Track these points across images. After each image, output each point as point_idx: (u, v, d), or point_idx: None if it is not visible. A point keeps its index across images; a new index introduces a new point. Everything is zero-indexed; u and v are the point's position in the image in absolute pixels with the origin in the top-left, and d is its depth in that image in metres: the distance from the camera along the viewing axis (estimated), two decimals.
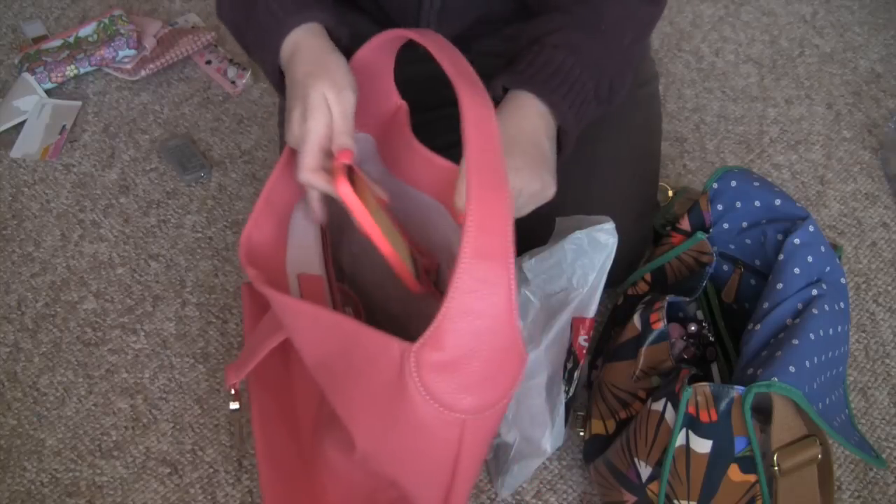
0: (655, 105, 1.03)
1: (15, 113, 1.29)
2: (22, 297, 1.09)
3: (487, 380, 0.60)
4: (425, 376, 0.58)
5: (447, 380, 0.58)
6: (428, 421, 0.60)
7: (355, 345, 0.62)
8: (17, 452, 0.96)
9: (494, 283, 0.56)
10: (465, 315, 0.56)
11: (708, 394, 0.72)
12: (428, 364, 0.57)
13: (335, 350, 0.65)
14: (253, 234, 0.77)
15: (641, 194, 0.98)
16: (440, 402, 0.59)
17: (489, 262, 0.56)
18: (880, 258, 1.14)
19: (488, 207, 0.56)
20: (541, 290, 0.82)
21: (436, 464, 0.64)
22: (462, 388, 0.59)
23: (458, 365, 0.57)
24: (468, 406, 0.59)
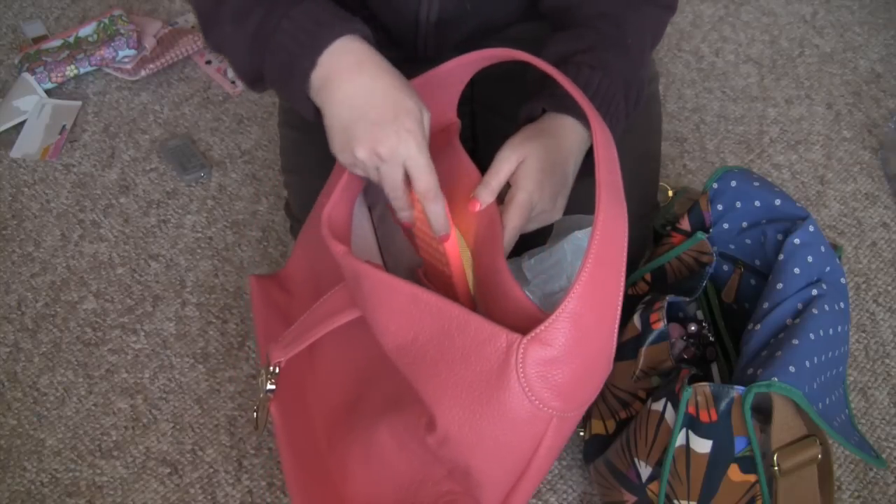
0: (655, 106, 1.03)
1: (15, 113, 1.29)
2: (22, 297, 1.09)
3: (581, 381, 0.63)
4: (529, 369, 0.60)
5: (547, 375, 0.61)
6: (521, 412, 0.62)
7: (459, 330, 0.63)
8: (17, 452, 0.96)
9: (609, 291, 0.61)
10: (580, 317, 0.59)
11: (708, 394, 0.72)
12: (534, 357, 0.60)
13: (431, 333, 0.66)
14: (332, 213, 0.77)
15: (641, 195, 0.98)
16: (537, 396, 0.61)
17: (607, 271, 0.60)
18: (880, 258, 1.14)
19: (612, 220, 0.61)
20: (540, 290, 0.83)
21: (515, 455, 0.66)
22: (558, 385, 0.61)
23: (559, 363, 0.60)
24: (559, 404, 0.62)
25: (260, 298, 0.94)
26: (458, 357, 0.64)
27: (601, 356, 0.64)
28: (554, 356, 0.60)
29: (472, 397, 0.64)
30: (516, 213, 0.74)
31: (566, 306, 0.59)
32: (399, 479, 0.77)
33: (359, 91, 0.69)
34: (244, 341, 1.04)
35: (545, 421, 0.63)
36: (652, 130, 1.01)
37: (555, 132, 0.77)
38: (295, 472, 0.83)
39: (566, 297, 0.59)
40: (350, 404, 0.83)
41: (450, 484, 0.73)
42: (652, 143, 1.01)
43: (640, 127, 0.99)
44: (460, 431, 0.66)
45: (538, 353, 0.60)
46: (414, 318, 0.67)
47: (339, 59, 0.69)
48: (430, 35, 0.91)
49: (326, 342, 0.84)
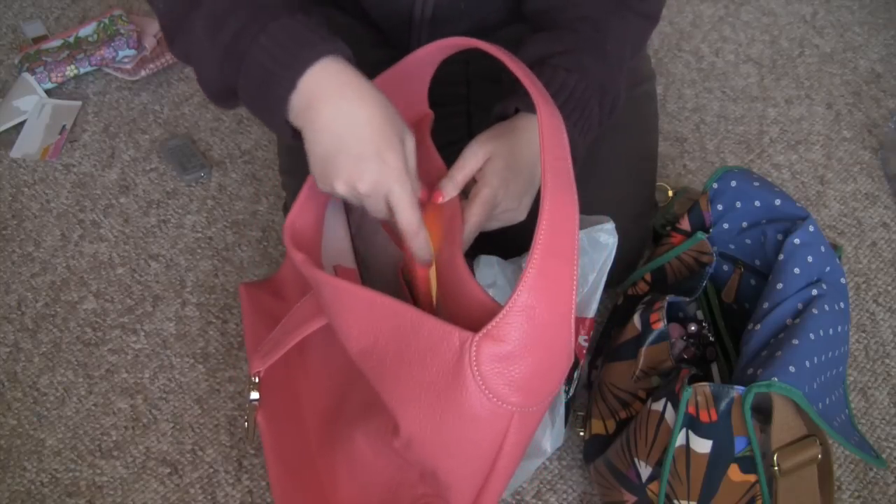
0: (652, 104, 1.03)
1: (15, 113, 1.29)
2: (22, 297, 1.09)
3: (540, 375, 0.62)
4: (484, 366, 0.59)
5: (503, 371, 0.60)
6: (480, 410, 0.62)
7: (414, 332, 0.63)
8: (17, 452, 0.96)
9: (560, 282, 0.59)
10: (531, 310, 0.58)
11: (708, 394, 0.72)
12: (487, 354, 0.59)
13: (389, 337, 0.65)
14: (297, 221, 0.77)
15: (639, 194, 0.98)
16: (494, 393, 0.60)
17: (558, 261, 0.59)
18: (880, 258, 1.14)
19: (560, 208, 0.59)
20: None
21: (479, 454, 0.65)
22: (516, 380, 0.60)
23: (515, 358, 0.59)
24: (519, 399, 0.61)
25: (249, 306, 0.94)
26: (415, 359, 0.64)
27: (559, 348, 0.62)
28: (508, 352, 0.59)
29: (432, 399, 0.63)
30: (479, 208, 0.73)
31: (516, 300, 0.58)
32: (380, 484, 0.76)
33: (340, 119, 0.65)
34: (244, 341, 1.04)
35: (506, 417, 0.62)
36: (648, 129, 1.01)
37: (524, 132, 0.77)
38: (280, 478, 0.83)
39: (515, 291, 0.58)
40: (334, 408, 0.84)
41: (423, 487, 0.73)
42: (649, 142, 1.01)
43: (637, 126, 0.99)
44: (423, 434, 0.66)
45: (491, 350, 0.59)
46: (372, 322, 0.66)
47: (320, 83, 0.65)
48: (423, 34, 0.91)
49: (315, 345, 0.85)
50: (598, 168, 0.94)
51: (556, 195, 0.59)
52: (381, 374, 0.68)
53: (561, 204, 0.59)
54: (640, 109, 1.00)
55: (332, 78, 0.66)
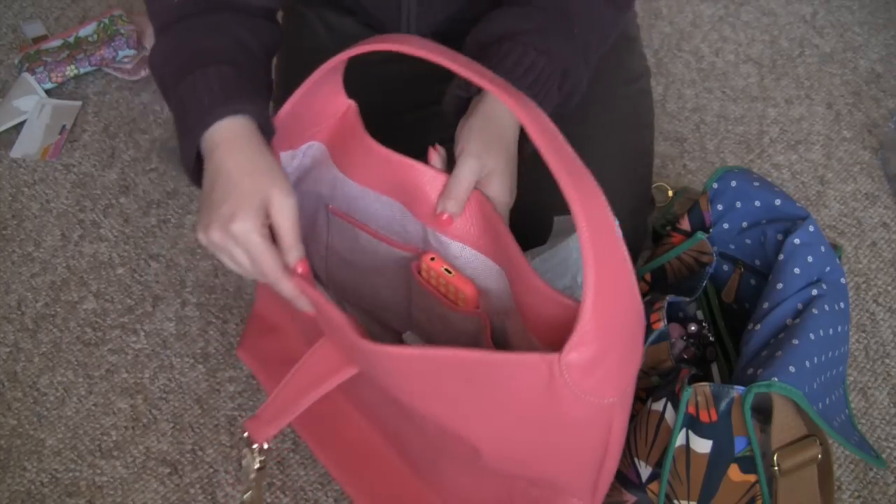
0: (646, 101, 1.02)
1: (15, 113, 1.29)
2: (22, 297, 1.09)
3: (626, 361, 0.62)
4: (575, 378, 0.59)
5: (594, 374, 0.60)
6: (581, 417, 0.62)
7: (487, 371, 0.61)
8: (17, 452, 0.96)
9: (617, 274, 0.59)
10: (600, 313, 0.58)
11: (708, 394, 0.72)
12: (575, 367, 0.59)
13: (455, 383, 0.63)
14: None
15: (634, 191, 0.98)
16: (591, 396, 0.61)
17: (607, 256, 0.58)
18: (880, 258, 1.14)
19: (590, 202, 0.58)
20: None
21: (591, 451, 0.66)
22: (607, 378, 0.61)
23: (601, 358, 0.59)
24: (615, 390, 0.62)
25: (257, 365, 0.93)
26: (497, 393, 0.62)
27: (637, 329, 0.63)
28: (594, 356, 0.59)
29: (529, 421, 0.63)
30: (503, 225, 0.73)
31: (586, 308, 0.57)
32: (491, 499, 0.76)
33: (210, 171, 0.68)
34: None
35: (608, 411, 0.63)
36: (643, 125, 1.01)
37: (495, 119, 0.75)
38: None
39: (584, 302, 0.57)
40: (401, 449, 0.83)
41: (537, 490, 0.73)
42: (644, 137, 1.01)
43: (632, 122, 0.99)
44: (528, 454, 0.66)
45: (579, 360, 0.59)
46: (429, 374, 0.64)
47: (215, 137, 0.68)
48: (412, 17, 0.91)
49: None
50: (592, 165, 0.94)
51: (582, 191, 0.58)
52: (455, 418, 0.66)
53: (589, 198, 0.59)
54: (635, 105, 1.00)
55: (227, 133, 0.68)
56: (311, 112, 0.76)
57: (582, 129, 0.94)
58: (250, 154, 0.68)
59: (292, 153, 0.79)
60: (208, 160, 0.68)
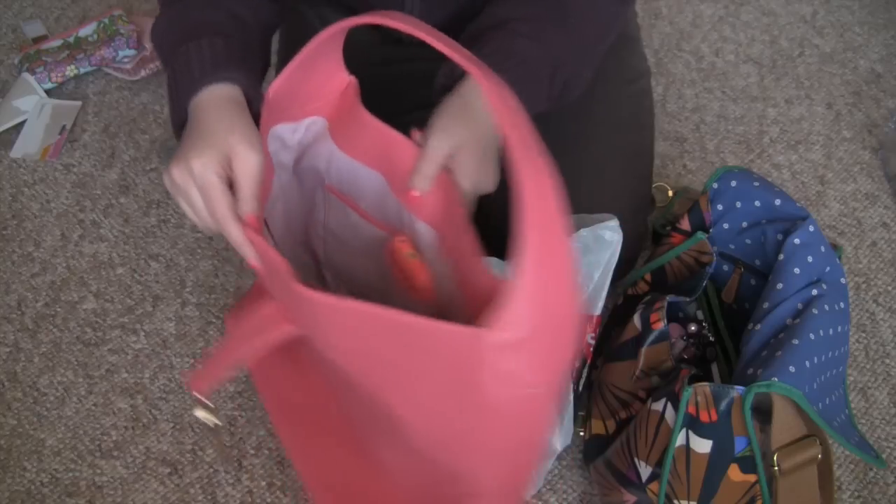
0: (647, 101, 1.02)
1: (15, 113, 1.29)
2: (22, 297, 1.09)
3: (555, 352, 0.61)
4: (499, 357, 0.58)
5: (519, 358, 0.59)
6: (502, 400, 0.60)
7: (418, 338, 0.61)
8: (17, 452, 0.96)
9: (554, 256, 0.57)
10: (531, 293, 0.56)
11: (708, 394, 0.72)
12: (501, 345, 0.58)
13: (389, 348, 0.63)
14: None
15: (634, 191, 0.98)
16: (515, 380, 0.59)
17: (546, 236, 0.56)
18: (880, 258, 1.14)
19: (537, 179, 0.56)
20: None
21: (507, 441, 0.65)
22: (533, 363, 0.59)
23: (528, 342, 0.58)
24: (540, 379, 0.60)
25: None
26: (427, 363, 0.62)
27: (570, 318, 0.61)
28: (521, 337, 0.57)
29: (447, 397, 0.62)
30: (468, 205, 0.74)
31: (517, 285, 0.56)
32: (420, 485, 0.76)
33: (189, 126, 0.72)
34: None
35: (531, 400, 0.61)
36: (644, 125, 1.01)
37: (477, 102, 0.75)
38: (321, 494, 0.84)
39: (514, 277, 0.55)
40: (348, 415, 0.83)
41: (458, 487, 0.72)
42: (644, 137, 1.01)
43: (632, 121, 0.99)
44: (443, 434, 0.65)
45: (504, 339, 0.57)
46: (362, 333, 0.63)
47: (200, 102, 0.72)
48: (415, 10, 0.91)
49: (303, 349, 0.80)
50: (592, 165, 0.94)
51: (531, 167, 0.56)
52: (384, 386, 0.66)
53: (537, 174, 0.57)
54: (636, 105, 1.00)
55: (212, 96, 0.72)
56: (310, 86, 0.76)
57: (583, 129, 0.94)
58: (228, 113, 0.70)
59: (293, 126, 0.79)
60: (189, 121, 0.72)
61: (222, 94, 0.72)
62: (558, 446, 0.85)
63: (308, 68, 0.75)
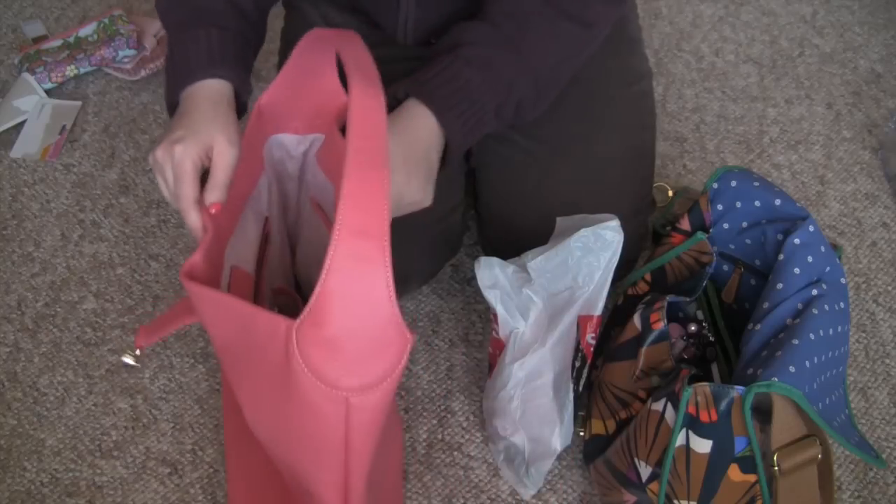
0: (648, 102, 1.02)
1: (15, 113, 1.29)
2: (22, 297, 1.09)
3: (369, 359, 0.60)
4: (307, 352, 0.59)
5: (329, 357, 0.59)
6: (312, 398, 0.61)
7: (252, 326, 0.63)
8: (17, 452, 0.96)
9: (370, 262, 0.57)
10: (343, 293, 0.57)
11: (708, 394, 0.72)
12: (309, 340, 0.58)
13: (235, 335, 0.66)
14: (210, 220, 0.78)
15: (635, 192, 0.98)
16: (323, 380, 0.60)
17: (364, 241, 0.57)
18: (880, 258, 1.14)
19: (364, 185, 0.57)
20: (544, 290, 0.83)
21: (326, 443, 0.64)
22: (344, 365, 0.60)
23: (338, 343, 0.59)
24: (351, 384, 0.60)
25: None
26: (257, 354, 0.64)
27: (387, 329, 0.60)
28: (329, 336, 0.58)
29: (274, 392, 0.64)
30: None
31: (327, 282, 0.56)
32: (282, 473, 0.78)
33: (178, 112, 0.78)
34: None
35: (340, 402, 0.61)
36: (645, 126, 1.01)
37: (416, 120, 0.77)
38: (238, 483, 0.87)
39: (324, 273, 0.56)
40: None
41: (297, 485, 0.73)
42: (645, 139, 1.01)
43: (633, 123, 0.99)
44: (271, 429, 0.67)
45: (312, 335, 0.58)
46: (222, 321, 0.67)
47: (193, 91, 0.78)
48: (409, 14, 0.91)
49: None
50: (594, 166, 0.94)
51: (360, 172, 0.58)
52: (236, 373, 0.69)
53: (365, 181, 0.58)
54: (636, 106, 1.00)
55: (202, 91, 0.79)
56: (314, 102, 0.80)
57: (585, 130, 0.95)
58: (215, 110, 0.77)
59: (298, 138, 0.83)
60: (180, 105, 0.79)
61: (213, 90, 0.78)
62: (558, 446, 0.85)
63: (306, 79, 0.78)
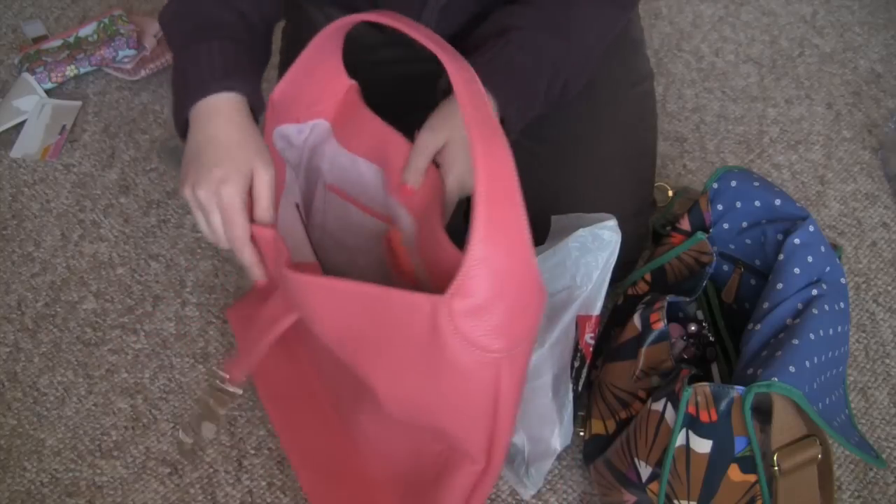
0: (650, 103, 1.03)
1: (15, 113, 1.29)
2: (22, 297, 1.09)
3: (515, 317, 0.63)
4: (459, 323, 0.61)
5: (479, 323, 0.61)
6: (467, 366, 0.63)
7: (385, 309, 0.65)
8: (17, 452, 0.96)
9: (509, 226, 0.60)
10: (486, 260, 0.59)
11: (708, 394, 0.72)
12: (460, 312, 0.60)
13: (361, 319, 0.67)
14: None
15: (636, 192, 0.98)
16: (476, 346, 0.62)
17: (501, 207, 0.60)
18: (880, 258, 1.14)
19: (493, 155, 0.60)
20: None
21: (478, 406, 0.67)
22: (494, 328, 0.62)
23: (487, 308, 0.61)
24: (501, 345, 0.63)
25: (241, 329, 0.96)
26: (394, 334, 0.65)
27: (528, 287, 0.64)
28: (479, 304, 0.60)
29: (421, 366, 0.65)
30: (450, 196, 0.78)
31: (472, 253, 0.59)
32: (402, 451, 0.79)
33: (201, 136, 0.75)
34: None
35: (494, 365, 0.64)
36: (646, 127, 1.01)
37: None
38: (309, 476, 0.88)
39: (469, 244, 0.59)
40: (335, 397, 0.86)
41: (439, 444, 0.75)
42: (647, 139, 1.01)
43: (635, 124, 0.99)
44: (420, 400, 0.68)
45: (462, 306, 0.60)
46: (340, 309, 0.68)
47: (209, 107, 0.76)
48: (431, 22, 0.91)
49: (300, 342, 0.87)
50: (595, 167, 0.94)
51: (486, 143, 0.60)
52: (362, 357, 0.70)
53: (492, 150, 0.60)
54: (638, 107, 1.00)
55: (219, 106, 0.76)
56: (314, 89, 0.80)
57: (587, 131, 0.95)
58: (240, 127, 0.75)
59: (298, 127, 0.83)
60: (199, 126, 0.76)
61: (231, 107, 0.76)
62: (558, 446, 0.85)
63: (311, 70, 0.78)
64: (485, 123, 0.61)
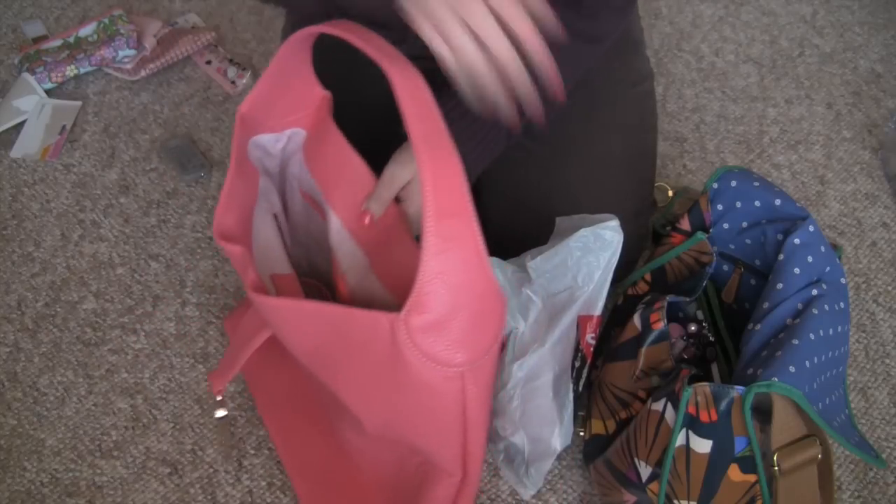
0: (650, 103, 1.03)
1: (15, 113, 1.29)
2: (22, 297, 1.09)
3: (476, 329, 0.63)
4: (417, 340, 0.60)
5: (439, 339, 0.61)
6: (430, 381, 0.63)
7: (346, 327, 0.64)
8: (17, 452, 0.96)
9: (460, 239, 0.60)
10: (440, 275, 0.59)
11: (708, 394, 0.72)
12: (417, 328, 0.60)
13: (326, 338, 0.67)
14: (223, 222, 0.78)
15: (637, 193, 0.98)
16: (437, 361, 0.62)
17: (451, 220, 0.59)
18: (880, 258, 1.14)
19: (440, 167, 0.59)
20: (544, 290, 0.83)
21: (447, 419, 0.67)
22: (454, 342, 0.61)
23: (444, 323, 0.60)
24: (464, 358, 0.62)
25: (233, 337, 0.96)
26: (354, 352, 0.65)
27: (487, 297, 0.63)
28: (437, 319, 0.60)
29: (383, 383, 0.65)
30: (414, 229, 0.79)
31: (426, 269, 0.58)
32: (387, 462, 0.79)
33: None
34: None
35: (457, 378, 0.64)
36: (647, 128, 1.01)
37: None
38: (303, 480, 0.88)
39: (422, 260, 0.58)
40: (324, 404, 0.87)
41: (417, 456, 0.75)
42: (647, 140, 1.01)
43: (635, 124, 0.99)
44: (387, 418, 0.68)
45: (420, 322, 0.60)
46: (305, 328, 0.68)
47: None
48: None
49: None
50: (596, 167, 0.94)
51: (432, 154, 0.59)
52: (332, 374, 0.70)
53: (439, 163, 0.59)
54: (638, 108, 1.00)
55: None
56: (289, 99, 0.80)
57: (587, 131, 0.95)
58: None
59: (275, 136, 0.83)
60: None
61: None
62: (558, 446, 0.85)
63: (281, 82, 0.79)
64: (431, 136, 0.60)
